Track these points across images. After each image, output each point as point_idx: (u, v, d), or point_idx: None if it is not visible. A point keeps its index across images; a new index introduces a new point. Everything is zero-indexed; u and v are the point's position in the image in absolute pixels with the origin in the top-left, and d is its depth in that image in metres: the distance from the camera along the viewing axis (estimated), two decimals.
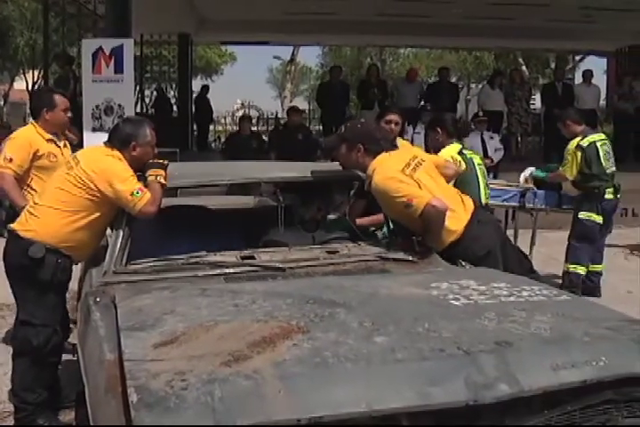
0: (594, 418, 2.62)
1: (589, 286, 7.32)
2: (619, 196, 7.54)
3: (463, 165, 5.65)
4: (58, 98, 5.36)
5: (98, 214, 3.99)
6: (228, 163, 7.61)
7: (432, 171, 4.46)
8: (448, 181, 4.70)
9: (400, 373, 2.45)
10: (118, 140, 4.07)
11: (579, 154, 7.26)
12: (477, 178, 5.89)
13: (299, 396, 2.32)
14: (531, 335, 2.74)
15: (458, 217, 4.35)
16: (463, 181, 5.54)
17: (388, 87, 14.85)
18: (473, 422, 2.48)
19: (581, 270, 7.30)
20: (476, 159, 6.02)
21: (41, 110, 5.32)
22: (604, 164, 7.29)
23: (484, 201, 5.92)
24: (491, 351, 2.56)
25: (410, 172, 4.23)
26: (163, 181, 3.99)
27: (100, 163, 3.98)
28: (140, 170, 4.04)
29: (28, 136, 5.32)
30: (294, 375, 2.39)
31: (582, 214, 7.26)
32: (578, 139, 7.36)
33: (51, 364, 4.20)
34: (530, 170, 7.67)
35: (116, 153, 4.02)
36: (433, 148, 5.89)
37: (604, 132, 8.69)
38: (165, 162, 4.09)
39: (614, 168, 7.45)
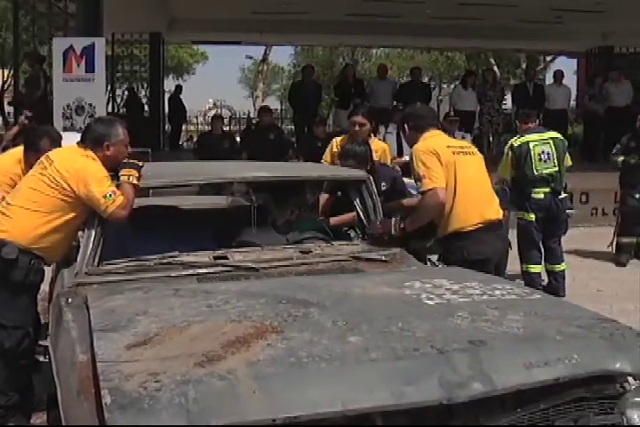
0: (566, 415, 2.65)
1: (553, 286, 7.31)
2: (562, 196, 7.44)
3: None
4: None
5: (71, 215, 3.95)
6: (200, 163, 7.57)
7: (481, 165, 4.59)
8: None
9: (374, 372, 2.46)
10: (91, 140, 4.04)
11: (510, 154, 7.33)
12: None
13: (273, 396, 2.31)
14: (504, 334, 2.76)
15: (479, 213, 4.42)
16: None
17: (365, 87, 14.87)
18: (447, 420, 2.50)
19: (536, 269, 7.31)
20: None
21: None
22: (535, 164, 7.21)
23: None
24: (464, 350, 2.58)
25: (455, 150, 4.41)
26: (135, 181, 3.96)
27: (75, 163, 3.94)
28: (114, 170, 4.01)
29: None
30: (269, 375, 2.39)
31: (516, 213, 7.23)
32: (514, 138, 7.43)
33: (23, 366, 4.15)
34: None
35: (90, 153, 3.99)
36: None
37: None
38: (140, 163, 4.06)
39: (555, 168, 7.28)
